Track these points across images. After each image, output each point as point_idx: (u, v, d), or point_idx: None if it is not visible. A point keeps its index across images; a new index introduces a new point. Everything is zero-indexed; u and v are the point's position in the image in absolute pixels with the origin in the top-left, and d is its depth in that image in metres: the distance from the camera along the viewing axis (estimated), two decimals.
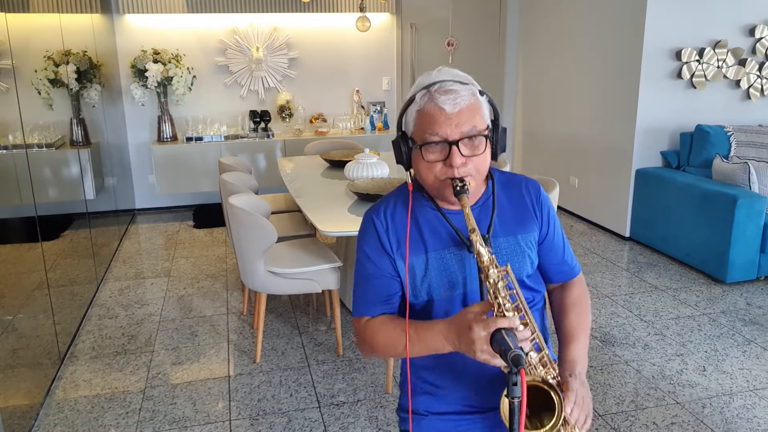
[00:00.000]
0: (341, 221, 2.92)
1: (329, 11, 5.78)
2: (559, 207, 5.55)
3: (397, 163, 1.28)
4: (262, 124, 5.74)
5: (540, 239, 1.34)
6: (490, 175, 1.33)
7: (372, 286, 1.30)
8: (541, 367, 1.17)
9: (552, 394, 1.12)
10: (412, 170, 1.27)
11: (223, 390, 2.82)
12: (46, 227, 3.01)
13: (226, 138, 5.55)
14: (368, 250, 1.30)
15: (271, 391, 2.81)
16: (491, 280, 1.11)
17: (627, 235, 4.86)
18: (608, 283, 4.05)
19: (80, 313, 3.52)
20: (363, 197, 3.17)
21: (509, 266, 1.13)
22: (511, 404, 1.12)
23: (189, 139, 5.47)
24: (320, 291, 3.07)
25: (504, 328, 1.18)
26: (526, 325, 1.13)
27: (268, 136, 5.67)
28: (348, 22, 5.87)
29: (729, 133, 4.45)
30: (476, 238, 1.13)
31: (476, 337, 1.07)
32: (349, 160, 3.86)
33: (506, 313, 1.09)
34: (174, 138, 5.53)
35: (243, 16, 5.64)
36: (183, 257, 4.60)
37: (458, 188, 1.18)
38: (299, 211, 3.88)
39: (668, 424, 2.55)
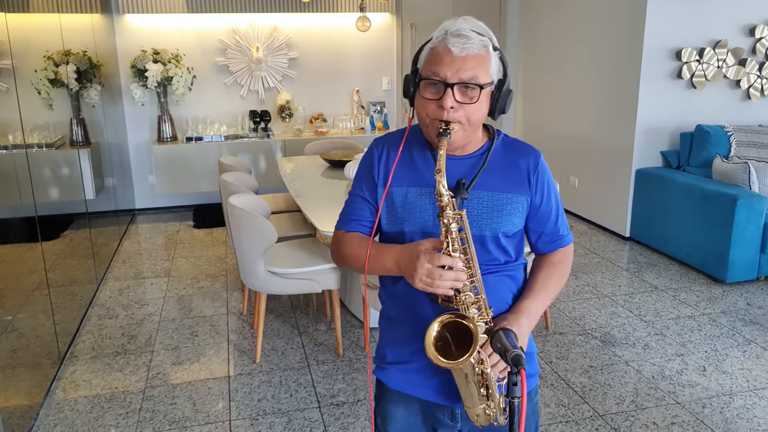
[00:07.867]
0: None
1: (329, 11, 5.78)
2: None
3: (404, 96, 1.34)
4: (262, 124, 5.74)
5: (532, 208, 1.38)
6: (494, 134, 1.38)
7: (354, 204, 1.42)
8: (474, 310, 1.23)
9: (470, 326, 1.17)
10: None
11: (223, 390, 2.82)
12: (46, 227, 3.01)
13: (226, 138, 5.55)
14: (360, 173, 1.43)
15: (271, 391, 2.81)
16: (445, 220, 1.19)
17: (627, 235, 4.86)
18: (608, 283, 4.05)
19: (80, 313, 3.52)
20: None
21: (464, 212, 1.22)
22: (511, 404, 1.13)
23: (189, 139, 5.47)
24: (320, 291, 3.07)
25: (504, 329, 1.20)
26: (469, 268, 1.22)
27: (268, 136, 5.67)
28: (348, 22, 5.87)
29: (729, 133, 4.45)
30: (440, 179, 1.19)
31: (419, 266, 1.18)
32: (349, 160, 3.86)
33: (452, 253, 1.19)
34: (174, 138, 5.53)
35: (243, 16, 5.64)
36: (183, 257, 4.60)
37: (441, 130, 1.23)
38: (299, 211, 3.88)
39: (668, 424, 2.55)
